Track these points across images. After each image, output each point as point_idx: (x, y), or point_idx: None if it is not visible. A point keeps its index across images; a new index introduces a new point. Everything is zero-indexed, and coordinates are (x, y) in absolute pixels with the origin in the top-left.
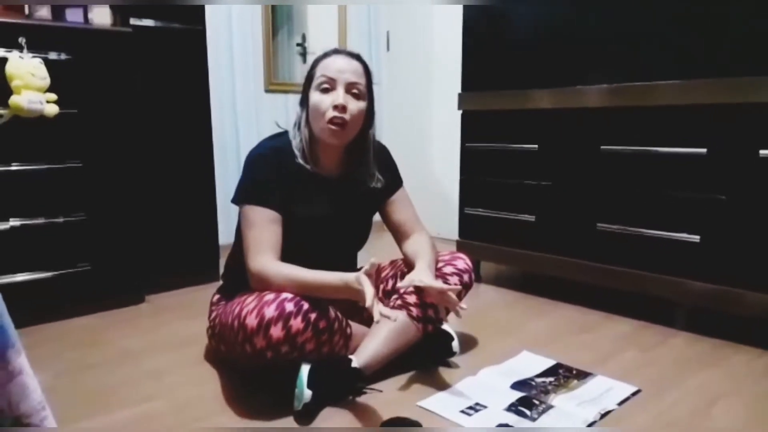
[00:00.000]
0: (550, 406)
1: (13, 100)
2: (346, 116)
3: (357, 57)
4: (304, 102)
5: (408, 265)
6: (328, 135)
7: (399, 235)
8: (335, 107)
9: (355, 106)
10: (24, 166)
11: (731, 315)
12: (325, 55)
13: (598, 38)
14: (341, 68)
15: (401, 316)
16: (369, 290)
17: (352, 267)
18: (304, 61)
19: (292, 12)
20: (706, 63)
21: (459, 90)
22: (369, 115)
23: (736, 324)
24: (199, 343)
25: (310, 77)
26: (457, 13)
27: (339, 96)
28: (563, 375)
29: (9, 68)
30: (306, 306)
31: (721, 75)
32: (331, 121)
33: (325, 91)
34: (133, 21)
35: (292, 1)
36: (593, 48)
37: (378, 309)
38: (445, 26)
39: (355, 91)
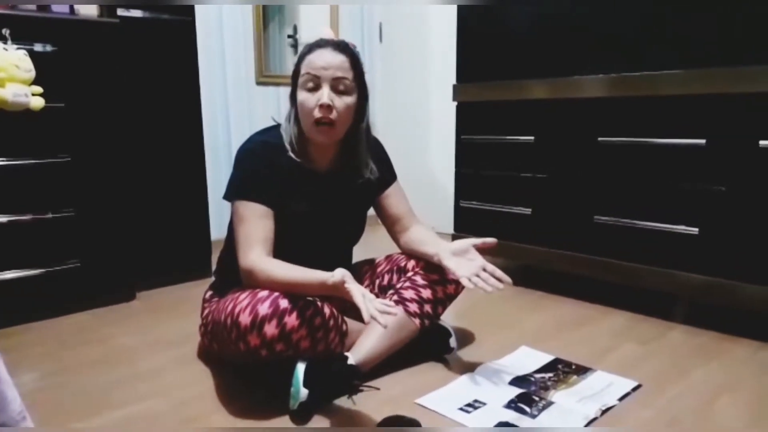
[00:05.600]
0: (551, 403)
1: None
2: (333, 115)
3: (343, 48)
4: (293, 98)
5: (412, 255)
6: (316, 134)
7: (397, 229)
8: (320, 107)
9: (342, 103)
10: (10, 161)
11: (730, 307)
12: (310, 49)
13: (595, 27)
14: (326, 64)
15: (398, 311)
16: (355, 289)
17: (347, 262)
18: (296, 53)
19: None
20: (705, 52)
21: (454, 81)
22: (360, 108)
23: (734, 317)
24: (192, 341)
25: (296, 73)
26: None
27: (324, 95)
28: (562, 370)
29: None
30: (301, 303)
31: (720, 65)
32: (318, 121)
33: (311, 89)
34: (120, 12)
35: (284, 2)
36: (590, 37)
37: (368, 309)
38: (440, 16)
39: (341, 87)
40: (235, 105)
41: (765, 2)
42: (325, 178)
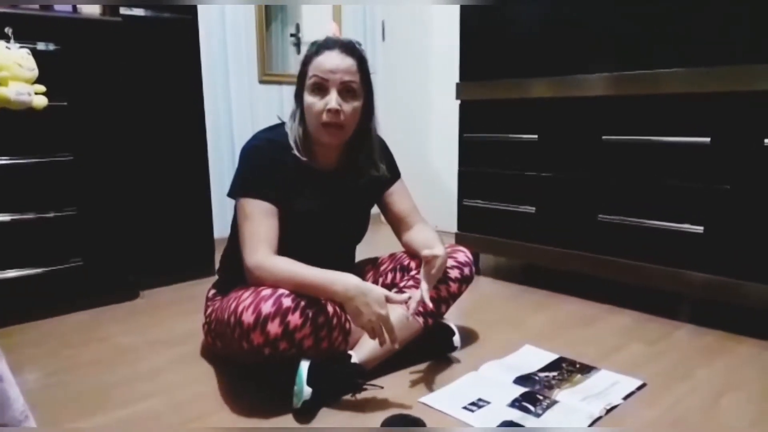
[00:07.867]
0: (555, 402)
1: (0, 91)
2: (341, 118)
3: (351, 51)
4: (299, 98)
5: (414, 254)
6: (324, 136)
7: (401, 227)
8: (328, 111)
9: (350, 106)
10: (13, 159)
11: (736, 306)
12: (317, 50)
13: (599, 25)
14: (333, 67)
15: (401, 310)
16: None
17: (350, 261)
18: (299, 51)
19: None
20: (709, 50)
21: (457, 79)
22: (367, 109)
23: (740, 316)
24: (195, 339)
25: (302, 75)
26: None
27: (332, 99)
28: (567, 369)
29: None
30: (304, 301)
31: (725, 63)
32: (326, 124)
33: (318, 92)
34: (122, 10)
35: (287, 2)
36: (594, 35)
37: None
38: (442, 15)
39: (349, 90)
40: (237, 104)
41: None
42: (329, 177)
